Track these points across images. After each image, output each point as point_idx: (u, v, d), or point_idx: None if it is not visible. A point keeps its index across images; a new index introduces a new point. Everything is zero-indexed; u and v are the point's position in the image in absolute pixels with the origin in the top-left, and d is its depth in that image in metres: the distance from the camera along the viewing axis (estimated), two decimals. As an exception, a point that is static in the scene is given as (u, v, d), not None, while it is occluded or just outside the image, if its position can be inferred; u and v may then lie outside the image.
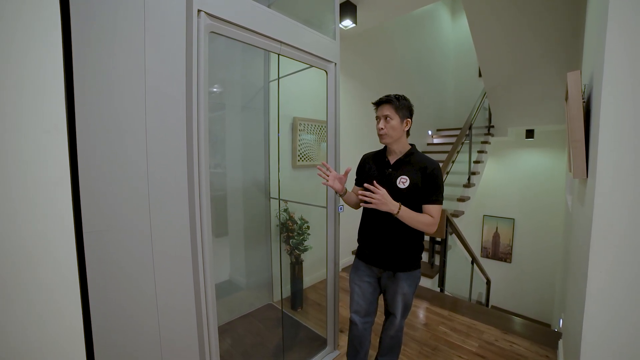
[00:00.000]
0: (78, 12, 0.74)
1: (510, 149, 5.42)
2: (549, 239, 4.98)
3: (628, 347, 0.85)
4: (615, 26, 0.89)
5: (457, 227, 3.07)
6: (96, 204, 0.79)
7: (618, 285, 0.87)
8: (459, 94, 6.08)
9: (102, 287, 0.82)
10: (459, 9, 5.99)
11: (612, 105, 0.89)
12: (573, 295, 1.36)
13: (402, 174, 1.24)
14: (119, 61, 0.83)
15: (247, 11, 1.15)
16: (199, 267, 1.05)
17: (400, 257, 1.27)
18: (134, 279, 0.89)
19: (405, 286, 1.29)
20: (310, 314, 2.31)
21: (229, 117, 2.11)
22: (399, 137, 1.26)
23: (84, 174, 0.77)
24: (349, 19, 2.43)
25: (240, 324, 2.12)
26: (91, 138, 0.78)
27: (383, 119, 1.24)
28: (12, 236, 0.57)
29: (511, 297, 5.40)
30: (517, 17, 3.13)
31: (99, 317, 0.81)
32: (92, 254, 0.79)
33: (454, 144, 3.70)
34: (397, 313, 1.34)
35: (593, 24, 1.39)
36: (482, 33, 3.41)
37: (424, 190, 1.23)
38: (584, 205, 1.20)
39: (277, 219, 2.30)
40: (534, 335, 2.06)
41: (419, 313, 2.37)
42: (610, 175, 0.89)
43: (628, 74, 0.86)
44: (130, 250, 0.88)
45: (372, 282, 1.36)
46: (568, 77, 1.20)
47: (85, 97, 0.77)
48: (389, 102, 1.23)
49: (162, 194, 0.94)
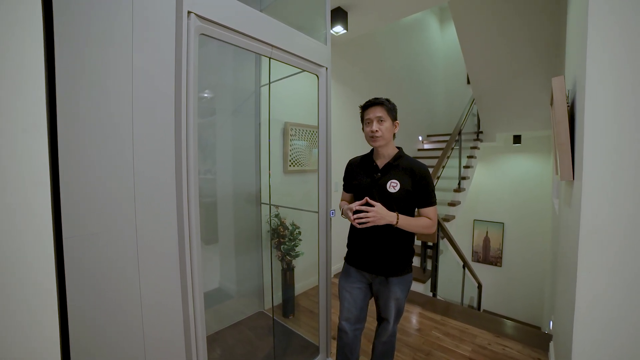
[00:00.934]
0: (61, 7, 0.72)
1: (499, 154, 5.54)
2: (538, 243, 5.07)
3: (619, 347, 0.86)
4: (595, 32, 0.92)
5: (448, 231, 3.09)
6: (78, 208, 0.76)
7: (607, 285, 0.87)
8: (449, 101, 6.21)
9: (82, 297, 0.78)
10: (446, 18, 6.15)
11: (595, 108, 0.91)
12: (563, 297, 1.37)
13: (391, 178, 1.23)
14: (104, 60, 0.81)
15: (238, 14, 1.15)
16: (186, 275, 1.02)
17: (392, 261, 1.25)
18: (117, 288, 0.85)
19: (398, 291, 1.28)
20: (302, 321, 2.27)
21: (220, 122, 2.09)
22: (389, 140, 1.26)
23: (65, 176, 0.73)
24: (340, 24, 2.46)
25: (230, 333, 2.06)
26: (74, 139, 0.75)
27: (376, 121, 1.23)
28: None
29: (502, 300, 5.45)
30: (503, 26, 3.23)
31: (78, 329, 0.77)
32: (72, 261, 0.75)
33: (444, 149, 3.75)
34: (390, 319, 1.32)
35: (574, 31, 1.44)
36: (470, 42, 3.50)
37: (416, 195, 1.23)
38: (571, 207, 1.22)
39: (268, 224, 2.27)
40: (526, 338, 2.07)
41: (411, 318, 2.35)
42: (595, 176, 0.91)
43: (609, 77, 0.89)
44: (113, 257, 0.84)
45: (362, 288, 1.34)
46: (553, 82, 1.24)
47: (69, 97, 0.74)
48: (380, 104, 1.23)
49: (148, 198, 0.92)
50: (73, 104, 0.75)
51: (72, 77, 0.75)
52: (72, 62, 0.75)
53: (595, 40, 0.91)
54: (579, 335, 0.89)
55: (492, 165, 5.65)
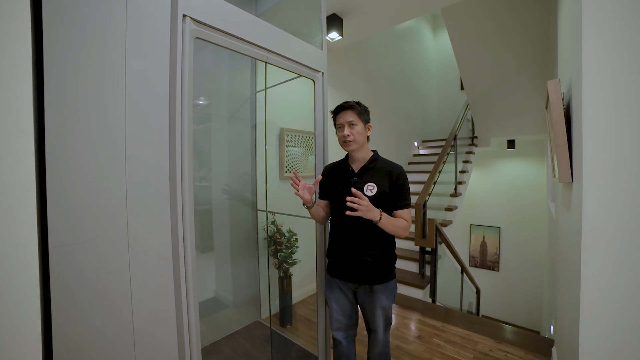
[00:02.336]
0: (52, 8, 0.70)
1: (494, 159, 5.59)
2: (535, 247, 5.08)
3: (627, 349, 0.84)
4: (589, 33, 0.92)
5: (446, 236, 3.08)
6: (65, 215, 0.73)
7: (611, 287, 0.86)
8: (442, 107, 6.28)
9: (69, 310, 0.74)
10: (439, 26, 6.27)
11: (593, 109, 0.91)
12: (565, 301, 1.36)
13: (368, 181, 1.22)
14: (96, 63, 0.78)
15: (234, 18, 1.14)
16: (181, 285, 0.98)
17: (375, 268, 1.23)
18: (106, 298, 0.81)
19: (383, 299, 1.25)
20: (300, 331, 2.22)
21: (215, 128, 2.07)
22: (363, 143, 1.25)
23: (52, 181, 0.70)
24: (335, 31, 2.47)
25: (226, 344, 2.00)
26: (62, 143, 0.72)
27: (347, 125, 1.21)
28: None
29: (500, 305, 5.42)
30: (495, 33, 3.29)
31: (63, 344, 0.73)
32: (58, 271, 0.72)
33: (440, 154, 3.77)
34: (378, 329, 1.29)
35: (565, 34, 1.46)
36: (463, 48, 3.56)
37: (392, 196, 1.21)
38: (571, 210, 1.21)
39: (265, 231, 2.23)
40: (528, 343, 2.04)
41: (411, 325, 2.31)
42: (596, 177, 0.90)
43: (606, 77, 0.89)
44: (104, 266, 0.80)
45: (349, 297, 1.32)
46: (548, 85, 1.24)
47: (58, 101, 0.72)
48: (351, 107, 1.22)
49: (141, 205, 0.88)
50: (62, 108, 0.73)
51: (61, 80, 0.72)
52: (62, 65, 0.73)
53: (590, 40, 0.91)
54: (585, 340, 0.87)
55: (487, 169, 5.69)
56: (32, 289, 0.60)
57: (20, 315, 0.58)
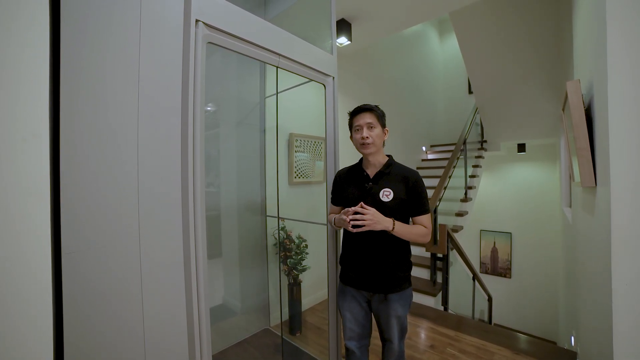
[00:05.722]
0: (69, 14, 0.70)
1: (504, 163, 5.49)
2: (548, 253, 4.93)
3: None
4: (614, 33, 0.89)
5: (457, 242, 3.01)
6: (78, 221, 0.72)
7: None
8: (449, 111, 6.22)
9: (81, 314, 0.73)
10: (445, 31, 6.25)
11: (619, 110, 0.87)
12: (590, 311, 1.30)
13: (384, 187, 1.18)
14: (111, 68, 0.78)
15: (246, 22, 1.14)
16: (192, 291, 0.96)
17: (390, 277, 1.18)
18: (118, 304, 0.80)
19: (399, 308, 1.20)
20: (309, 339, 2.17)
21: (224, 133, 2.07)
22: (380, 147, 1.23)
23: (66, 187, 0.69)
24: (344, 36, 2.48)
25: (235, 352, 1.97)
26: (76, 149, 0.72)
27: (366, 127, 1.19)
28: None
29: (513, 313, 5.26)
30: (503, 36, 3.25)
31: (75, 348, 0.71)
32: (71, 276, 0.70)
33: (449, 159, 3.71)
34: (393, 338, 1.24)
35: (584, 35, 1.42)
36: (471, 51, 3.52)
37: (410, 203, 1.18)
38: (595, 215, 1.16)
39: (274, 237, 2.21)
40: (547, 355, 1.96)
41: (423, 334, 2.25)
42: (624, 181, 0.86)
43: (633, 77, 0.85)
44: (115, 273, 0.79)
45: (363, 306, 1.27)
46: (567, 86, 1.21)
47: (73, 106, 0.71)
48: (370, 110, 1.20)
49: (153, 212, 0.87)
50: (77, 113, 0.72)
51: (76, 85, 0.72)
52: (77, 70, 0.72)
53: (615, 40, 0.88)
54: (620, 354, 0.82)
55: (497, 174, 5.58)
56: (45, 296, 0.59)
57: (32, 321, 0.56)
